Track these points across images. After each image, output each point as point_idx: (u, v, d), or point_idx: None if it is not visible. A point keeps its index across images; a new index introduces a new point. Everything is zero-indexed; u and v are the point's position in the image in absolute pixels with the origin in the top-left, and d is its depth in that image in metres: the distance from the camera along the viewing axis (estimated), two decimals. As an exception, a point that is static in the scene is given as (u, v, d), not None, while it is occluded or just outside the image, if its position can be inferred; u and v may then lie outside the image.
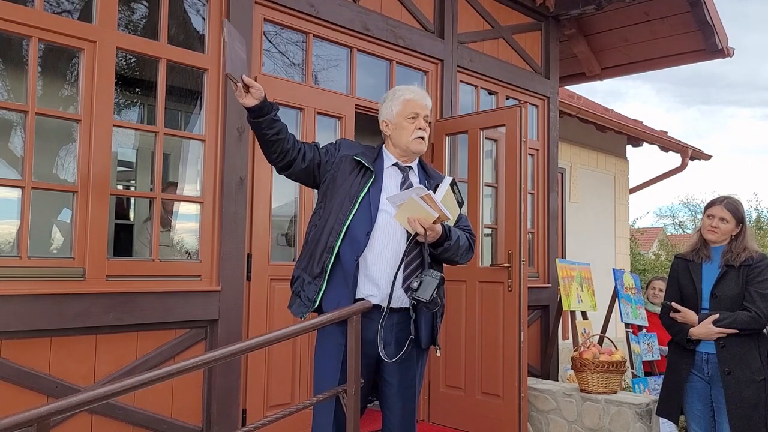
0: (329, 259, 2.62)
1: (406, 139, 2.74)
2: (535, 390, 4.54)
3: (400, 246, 2.64)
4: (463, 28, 5.27)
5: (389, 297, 2.56)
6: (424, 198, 2.53)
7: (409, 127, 2.73)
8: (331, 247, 2.62)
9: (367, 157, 2.75)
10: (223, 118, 3.68)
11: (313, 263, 2.67)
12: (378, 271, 2.62)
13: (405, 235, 2.64)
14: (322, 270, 2.63)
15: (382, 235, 2.64)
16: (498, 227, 5.07)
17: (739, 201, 3.53)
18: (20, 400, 2.87)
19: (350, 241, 2.62)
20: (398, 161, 2.79)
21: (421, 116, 2.75)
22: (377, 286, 2.62)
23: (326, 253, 2.63)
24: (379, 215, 2.65)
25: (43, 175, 3.92)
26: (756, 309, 3.30)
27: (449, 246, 2.67)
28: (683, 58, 6.71)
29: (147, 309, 3.29)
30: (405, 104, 2.75)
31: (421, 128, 2.74)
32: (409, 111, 2.74)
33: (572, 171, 8.32)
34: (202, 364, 2.31)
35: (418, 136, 2.73)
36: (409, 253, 2.61)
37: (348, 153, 2.75)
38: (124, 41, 3.37)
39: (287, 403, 3.83)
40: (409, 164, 2.81)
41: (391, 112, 2.78)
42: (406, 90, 2.81)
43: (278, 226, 4.42)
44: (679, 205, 38.00)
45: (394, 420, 2.70)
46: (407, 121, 2.74)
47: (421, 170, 2.86)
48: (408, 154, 2.78)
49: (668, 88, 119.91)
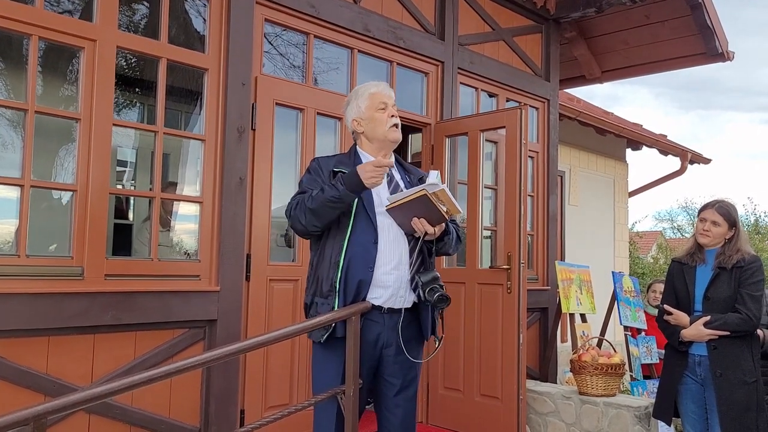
0: (336, 275, 2.59)
1: (382, 129, 2.72)
2: (534, 392, 4.53)
3: (401, 245, 2.64)
4: (464, 30, 5.27)
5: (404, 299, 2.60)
6: (438, 194, 2.51)
7: (381, 117, 2.73)
8: (336, 261, 2.59)
9: (344, 164, 2.72)
10: (224, 118, 3.67)
11: (322, 283, 2.63)
12: (383, 274, 2.61)
13: (403, 234, 2.64)
14: (332, 286, 2.60)
15: (384, 239, 2.63)
16: (497, 229, 5.07)
17: (731, 205, 3.54)
18: (18, 399, 2.86)
19: (357, 253, 2.59)
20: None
21: (390, 105, 2.75)
22: (384, 288, 2.61)
23: (332, 268, 2.60)
24: (378, 219, 2.63)
25: (42, 175, 3.92)
26: (747, 311, 3.31)
27: (449, 240, 2.70)
28: (683, 61, 6.73)
29: (146, 308, 3.28)
30: (371, 97, 2.76)
31: (393, 116, 2.74)
32: (378, 102, 2.74)
33: (572, 174, 8.32)
34: (201, 363, 2.31)
35: (392, 124, 2.73)
36: (412, 252, 2.63)
37: (330, 166, 2.73)
38: (125, 40, 3.37)
39: (285, 403, 3.82)
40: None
41: (359, 108, 2.77)
42: (368, 86, 2.81)
43: (278, 226, 4.41)
44: (678, 209, 38.05)
45: (395, 421, 2.69)
46: (378, 112, 2.73)
47: (398, 165, 2.85)
48: (386, 145, 2.76)
49: (666, 92, 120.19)
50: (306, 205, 2.57)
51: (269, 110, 3.93)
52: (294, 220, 2.65)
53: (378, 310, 2.61)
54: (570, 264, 5.75)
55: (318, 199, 2.55)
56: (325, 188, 2.56)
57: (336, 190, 2.53)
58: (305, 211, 2.57)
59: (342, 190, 2.52)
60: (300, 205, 2.60)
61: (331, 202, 2.53)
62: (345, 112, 2.85)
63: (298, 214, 2.60)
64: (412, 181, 2.78)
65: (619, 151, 9.38)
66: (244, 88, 3.76)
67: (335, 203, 2.54)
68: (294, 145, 4.14)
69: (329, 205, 2.54)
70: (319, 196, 2.55)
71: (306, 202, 2.58)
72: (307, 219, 2.58)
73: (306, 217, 2.58)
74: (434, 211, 2.52)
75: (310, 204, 2.56)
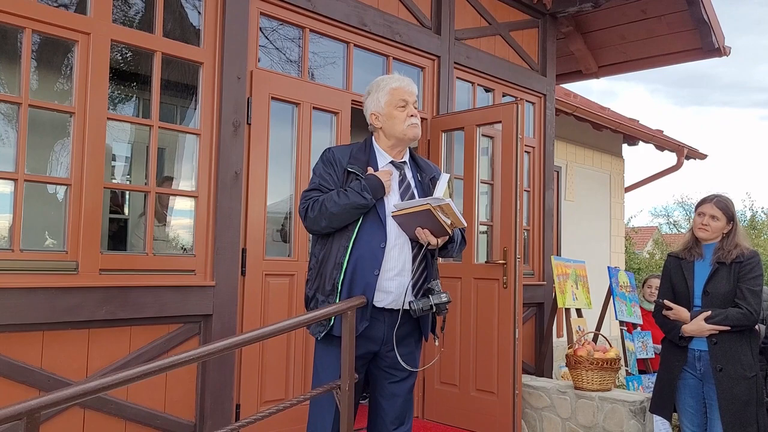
0: (339, 276, 2.57)
1: (400, 128, 2.68)
2: (530, 387, 4.54)
3: (407, 251, 2.62)
4: (460, 24, 5.26)
5: (403, 302, 2.58)
6: (443, 207, 2.49)
7: (400, 116, 2.68)
8: (340, 262, 2.57)
9: (358, 161, 2.68)
10: (219, 113, 3.66)
11: (324, 281, 2.62)
12: (386, 280, 2.59)
13: (408, 240, 2.62)
14: (333, 287, 2.58)
15: (391, 243, 2.60)
16: (494, 224, 5.07)
17: (729, 199, 3.55)
18: (12, 393, 2.86)
19: (363, 255, 2.57)
20: (393, 159, 2.74)
21: (410, 103, 2.70)
22: (386, 293, 2.60)
23: (335, 269, 2.58)
24: (387, 222, 2.61)
25: (37, 169, 3.90)
26: (747, 306, 3.31)
27: (452, 248, 2.70)
28: (680, 56, 6.73)
29: (141, 303, 3.27)
30: (392, 93, 2.70)
31: (413, 115, 2.70)
32: (398, 99, 2.69)
33: (568, 169, 8.32)
34: (196, 358, 2.30)
35: (411, 123, 2.68)
36: (421, 260, 2.62)
37: (343, 162, 2.69)
38: (119, 33, 3.35)
39: (281, 398, 3.82)
40: (402, 160, 2.77)
41: (379, 103, 2.71)
42: (390, 79, 2.76)
43: (273, 221, 4.40)
44: (674, 204, 38.07)
45: (391, 410, 2.67)
46: (398, 110, 2.69)
47: (413, 163, 2.81)
48: (403, 142, 2.73)
49: (661, 89, 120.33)
50: (327, 209, 2.55)
51: (265, 104, 3.92)
52: (312, 222, 2.62)
53: (380, 309, 2.60)
54: (566, 259, 5.76)
55: (341, 205, 2.54)
56: (349, 194, 2.55)
57: (363, 198, 2.54)
58: (326, 215, 2.56)
59: (369, 199, 2.54)
60: (320, 208, 2.57)
61: (356, 209, 2.55)
62: (364, 103, 2.80)
63: (318, 217, 2.58)
64: (423, 181, 2.74)
65: (616, 147, 9.38)
66: (239, 83, 3.74)
67: (360, 210, 2.56)
68: (290, 139, 4.13)
69: (354, 212, 2.56)
70: (344, 202, 2.54)
71: (327, 205, 2.55)
72: (327, 222, 2.58)
73: (326, 221, 2.57)
74: (437, 224, 2.52)
75: (333, 209, 2.54)
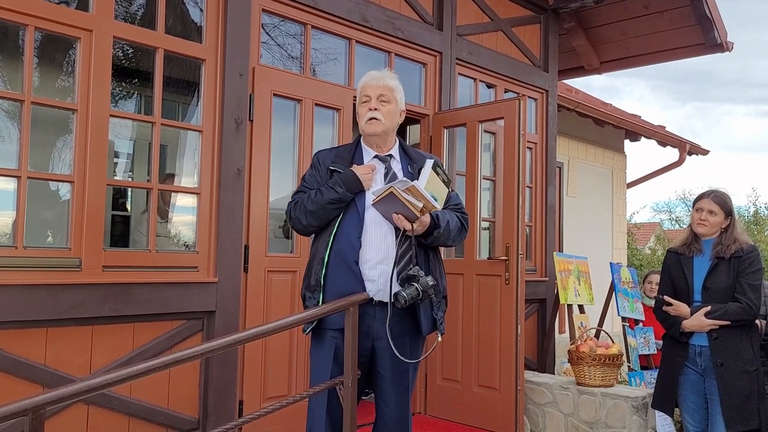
0: (321, 271, 2.62)
1: (361, 124, 2.74)
2: (532, 383, 4.54)
3: (390, 239, 2.62)
4: (462, 20, 5.25)
5: (390, 293, 2.54)
6: (410, 189, 2.49)
7: (362, 111, 2.73)
8: (322, 257, 2.62)
9: (342, 159, 2.73)
10: (221, 109, 3.66)
11: (310, 278, 2.67)
12: (368, 269, 2.60)
13: (393, 228, 2.62)
14: (317, 282, 2.63)
15: (371, 232, 2.62)
16: (496, 220, 5.06)
17: (726, 194, 3.57)
18: (16, 390, 2.86)
19: (341, 248, 2.60)
20: (377, 153, 2.76)
21: (374, 97, 2.71)
22: (371, 282, 2.61)
23: (318, 265, 2.64)
24: (366, 213, 2.63)
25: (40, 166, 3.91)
26: (747, 300, 3.33)
27: (439, 234, 2.65)
28: (682, 52, 6.70)
29: (144, 300, 3.28)
30: (360, 89, 2.77)
31: (372, 109, 2.70)
32: (362, 96, 2.75)
33: (570, 165, 8.31)
34: (199, 354, 2.31)
35: (369, 117, 2.70)
36: (400, 246, 2.59)
37: (327, 162, 2.74)
38: (121, 30, 3.35)
39: (284, 394, 3.83)
40: (389, 152, 2.78)
41: (357, 101, 2.80)
42: (364, 77, 2.80)
43: (276, 218, 4.41)
44: (676, 200, 38.02)
45: (389, 412, 2.69)
46: (362, 106, 2.74)
47: (403, 155, 2.81)
48: (369, 139, 2.76)
49: (663, 85, 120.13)
50: (305, 207, 2.64)
51: (267, 101, 3.92)
52: (295, 221, 2.72)
53: (368, 302, 2.60)
54: (568, 255, 5.75)
55: (317, 201, 2.61)
56: (323, 190, 2.61)
57: (335, 192, 2.60)
58: (305, 213, 2.64)
59: (342, 192, 2.59)
60: (299, 207, 2.67)
61: (330, 204, 2.60)
62: None
63: (299, 215, 2.67)
64: (413, 171, 2.75)
65: (618, 143, 9.37)
66: (241, 79, 3.74)
67: (334, 204, 2.60)
68: (292, 136, 4.13)
69: (329, 207, 2.61)
70: (318, 199, 2.61)
71: (305, 203, 2.64)
72: (307, 220, 2.66)
73: (306, 218, 2.66)
74: (405, 207, 2.51)
75: (310, 206, 2.62)
